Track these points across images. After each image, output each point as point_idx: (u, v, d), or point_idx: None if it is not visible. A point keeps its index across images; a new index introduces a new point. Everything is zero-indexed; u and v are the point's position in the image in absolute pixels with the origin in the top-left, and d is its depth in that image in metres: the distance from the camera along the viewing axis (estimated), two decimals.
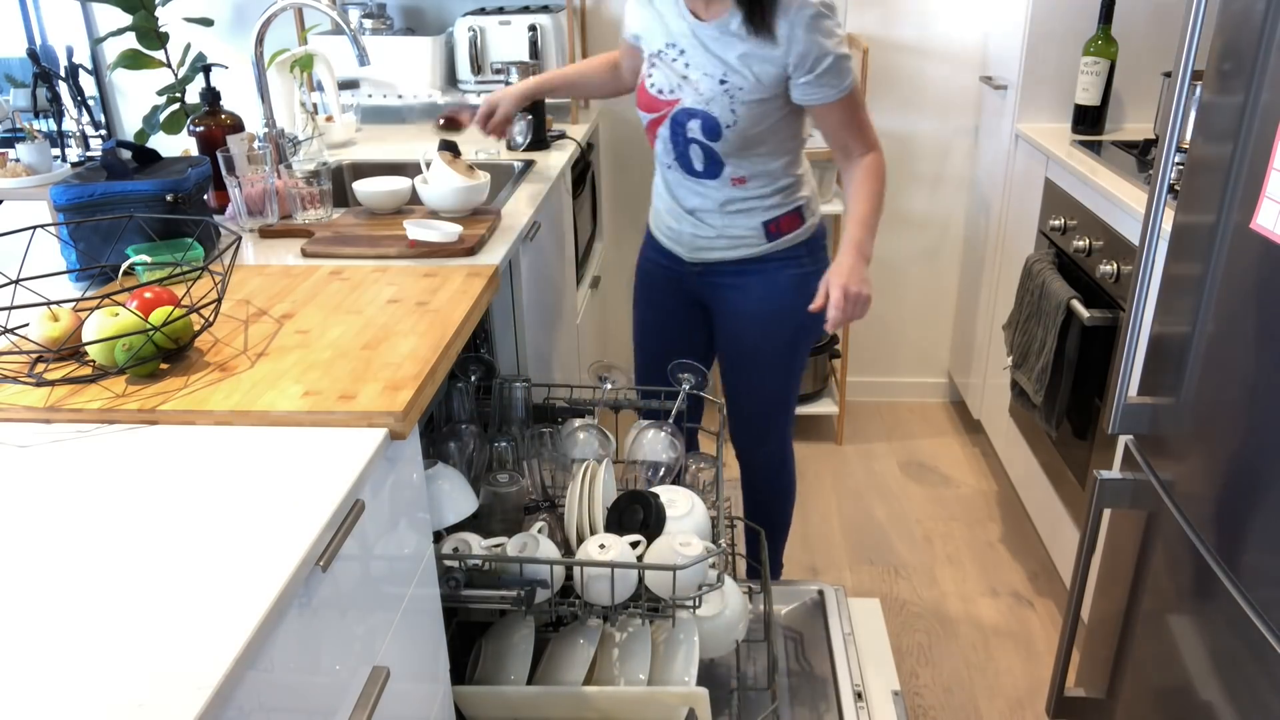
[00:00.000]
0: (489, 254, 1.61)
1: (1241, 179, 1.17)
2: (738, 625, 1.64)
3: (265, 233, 1.73)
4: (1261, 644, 1.10)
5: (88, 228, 1.49)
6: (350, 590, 0.98)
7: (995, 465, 2.84)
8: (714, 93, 1.61)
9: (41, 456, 1.01)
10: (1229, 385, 1.19)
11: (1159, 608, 1.37)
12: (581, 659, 1.49)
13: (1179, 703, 1.30)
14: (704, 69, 1.61)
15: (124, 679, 0.71)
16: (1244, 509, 1.15)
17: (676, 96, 1.65)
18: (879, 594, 2.32)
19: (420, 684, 1.20)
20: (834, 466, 2.84)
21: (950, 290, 3.09)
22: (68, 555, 0.85)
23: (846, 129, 1.67)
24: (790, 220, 1.73)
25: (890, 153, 2.91)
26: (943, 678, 2.06)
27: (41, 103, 2.68)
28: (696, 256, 1.79)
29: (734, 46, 1.59)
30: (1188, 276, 1.30)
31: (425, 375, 1.15)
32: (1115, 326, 1.93)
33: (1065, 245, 2.17)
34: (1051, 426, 2.15)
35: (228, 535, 0.87)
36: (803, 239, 1.76)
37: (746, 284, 1.77)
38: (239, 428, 1.06)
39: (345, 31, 1.86)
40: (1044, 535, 2.34)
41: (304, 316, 1.34)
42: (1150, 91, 2.45)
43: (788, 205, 1.73)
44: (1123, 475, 1.47)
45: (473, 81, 2.63)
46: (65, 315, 1.19)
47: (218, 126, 1.90)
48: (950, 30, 2.77)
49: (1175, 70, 1.24)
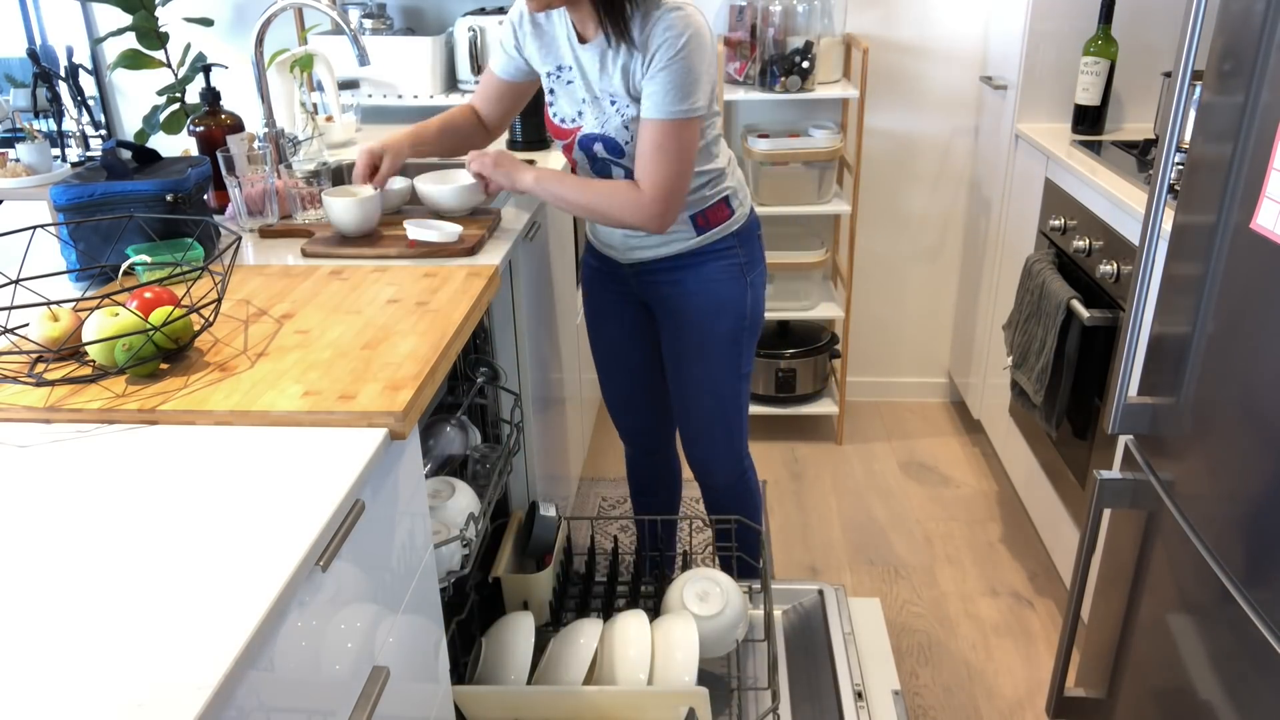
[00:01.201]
0: (489, 254, 1.61)
1: (1241, 179, 1.17)
2: (738, 625, 1.64)
3: (265, 233, 1.73)
4: (1262, 644, 1.10)
5: (88, 228, 1.49)
6: (350, 590, 0.98)
7: (995, 465, 2.84)
8: (606, 114, 1.59)
9: (41, 456, 1.01)
10: (1229, 385, 1.19)
11: (1159, 608, 1.37)
12: (581, 659, 1.49)
13: (1179, 703, 1.30)
14: (593, 92, 1.61)
15: (124, 679, 0.71)
16: (1244, 509, 1.15)
17: (578, 124, 1.64)
18: (879, 594, 2.32)
19: (420, 684, 1.20)
20: (834, 466, 2.84)
21: (950, 290, 3.09)
22: (68, 555, 0.85)
23: (651, 152, 1.53)
24: (717, 211, 1.72)
25: (890, 153, 2.92)
26: (943, 678, 2.06)
27: (41, 103, 2.68)
28: (630, 257, 1.77)
29: (612, 65, 1.57)
30: (1188, 276, 1.30)
31: (425, 375, 1.15)
32: (1115, 326, 1.93)
33: (1065, 245, 2.17)
34: (1051, 426, 2.15)
35: (228, 535, 0.87)
36: (733, 229, 1.74)
37: (682, 279, 1.75)
38: (239, 428, 1.06)
39: (345, 31, 1.86)
40: (1044, 535, 2.34)
41: (304, 316, 1.34)
42: (1150, 91, 2.45)
43: (712, 196, 1.71)
44: (1123, 475, 1.47)
45: (473, 81, 2.64)
46: (65, 315, 1.19)
47: (218, 126, 1.90)
48: (950, 30, 2.77)
49: (1175, 70, 1.24)
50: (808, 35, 2.61)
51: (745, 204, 1.77)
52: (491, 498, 1.62)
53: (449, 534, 1.40)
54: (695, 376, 1.81)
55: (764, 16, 2.60)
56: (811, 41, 2.60)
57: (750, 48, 2.69)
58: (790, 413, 2.93)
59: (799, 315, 2.86)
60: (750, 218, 1.78)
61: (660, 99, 1.51)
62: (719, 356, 1.79)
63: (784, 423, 3.08)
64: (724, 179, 1.72)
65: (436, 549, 1.32)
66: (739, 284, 1.74)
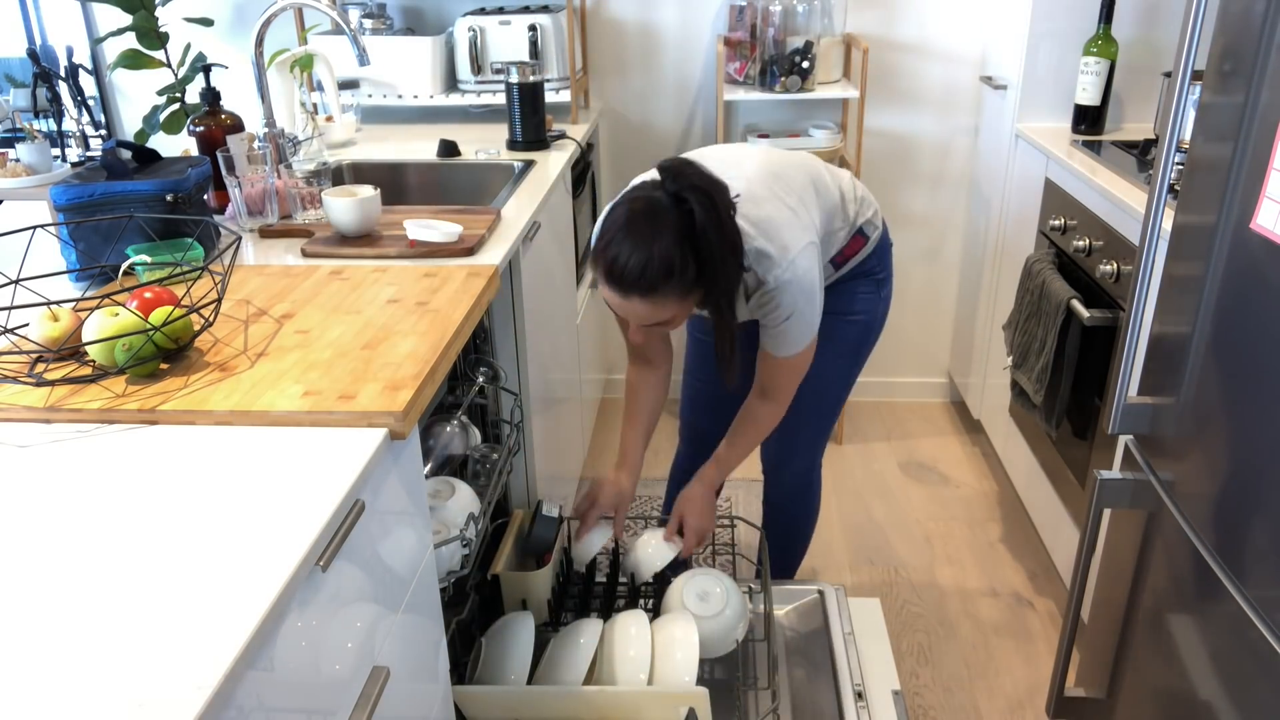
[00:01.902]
0: (489, 254, 1.61)
1: (1241, 179, 1.17)
2: (738, 625, 1.64)
3: (265, 233, 1.73)
4: (1261, 644, 1.10)
5: (88, 228, 1.49)
6: (350, 590, 0.98)
7: (995, 465, 2.84)
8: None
9: (41, 456, 1.01)
10: (1229, 385, 1.19)
11: (1159, 608, 1.37)
12: (581, 659, 1.49)
13: (1179, 703, 1.30)
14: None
15: (124, 679, 0.71)
16: (1244, 509, 1.15)
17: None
18: (879, 594, 2.32)
19: (420, 684, 1.20)
20: (834, 466, 2.84)
21: (950, 290, 3.09)
22: (68, 555, 0.85)
23: (780, 375, 1.65)
24: (853, 245, 1.73)
25: (890, 153, 2.92)
26: (943, 678, 2.06)
27: (41, 103, 2.68)
28: None
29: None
30: (1188, 276, 1.30)
31: (425, 375, 1.15)
32: (1115, 326, 1.93)
33: (1065, 245, 2.17)
34: (1051, 426, 2.15)
35: (228, 535, 0.87)
36: (869, 252, 1.76)
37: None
38: (239, 428, 1.06)
39: (345, 31, 1.86)
40: (1044, 535, 2.34)
41: (304, 316, 1.34)
42: (1150, 91, 2.45)
43: (846, 237, 1.72)
44: (1123, 475, 1.47)
45: (473, 81, 2.64)
46: (65, 315, 1.19)
47: (218, 126, 1.90)
48: (950, 30, 2.77)
49: (1175, 70, 1.24)
50: (808, 35, 2.61)
51: (877, 224, 1.77)
52: (491, 498, 1.62)
53: (449, 534, 1.40)
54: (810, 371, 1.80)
55: (764, 16, 2.60)
56: (811, 41, 2.60)
57: (750, 48, 2.69)
58: None
59: None
60: (882, 236, 1.79)
61: (780, 345, 1.58)
62: (837, 358, 1.80)
63: None
64: (857, 218, 1.72)
65: (436, 549, 1.32)
66: (874, 297, 1.77)
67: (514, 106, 2.31)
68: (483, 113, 2.74)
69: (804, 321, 1.56)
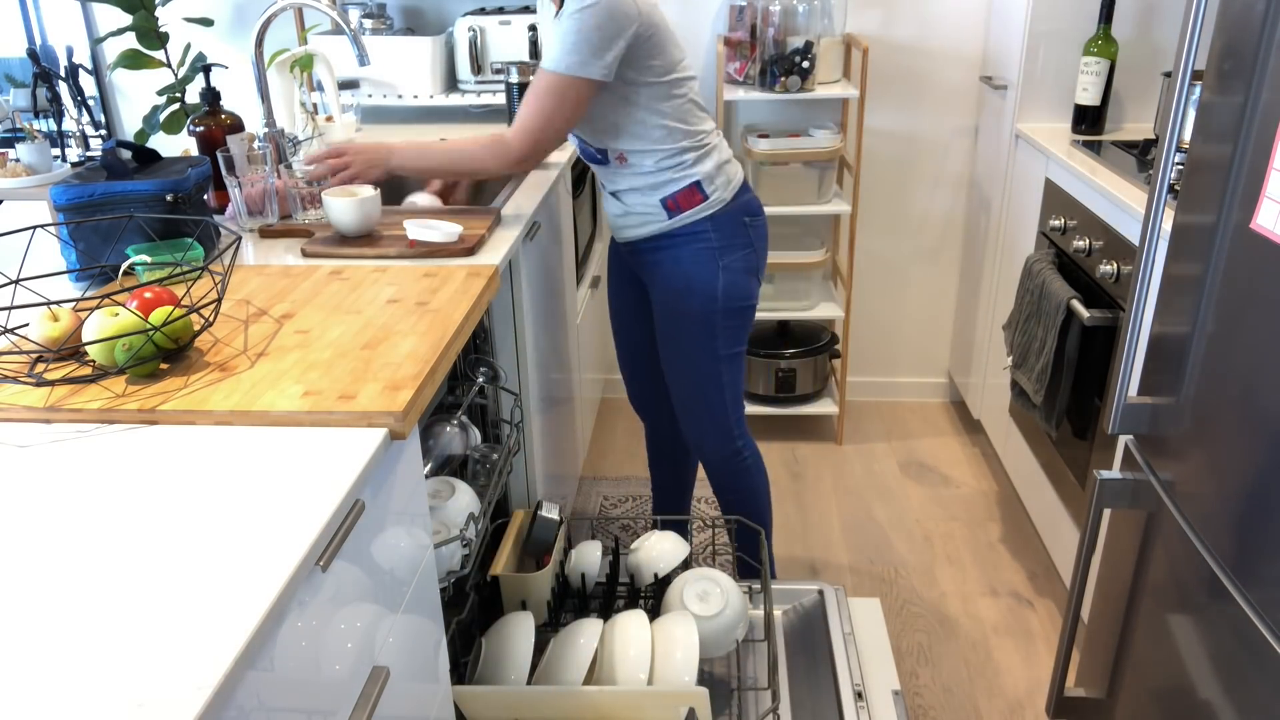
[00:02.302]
0: (489, 254, 1.61)
1: (1241, 179, 1.17)
2: (738, 625, 1.64)
3: (265, 233, 1.73)
4: (1262, 644, 1.10)
5: (88, 228, 1.49)
6: (350, 590, 0.98)
7: (995, 465, 2.84)
8: None
9: (41, 456, 1.01)
10: (1229, 385, 1.19)
11: (1159, 608, 1.37)
12: (581, 659, 1.49)
13: (1179, 703, 1.30)
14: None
15: (123, 679, 0.71)
16: (1244, 509, 1.15)
17: None
18: (879, 594, 2.32)
19: (420, 684, 1.20)
20: (834, 466, 2.84)
21: (950, 290, 3.09)
22: (68, 555, 0.85)
23: (530, 97, 1.63)
24: (687, 196, 1.76)
25: (890, 153, 2.92)
26: (943, 678, 2.06)
27: (41, 103, 2.68)
28: (621, 235, 1.89)
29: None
30: (1188, 276, 1.30)
31: (425, 375, 1.15)
32: (1115, 326, 1.93)
33: (1065, 245, 2.17)
34: (1051, 426, 2.15)
35: (228, 535, 0.87)
36: (705, 214, 1.78)
37: (660, 260, 1.83)
38: (239, 428, 1.06)
39: (345, 31, 1.86)
40: (1044, 535, 2.34)
41: (304, 316, 1.34)
42: (1150, 91, 2.45)
43: (681, 180, 1.75)
44: (1123, 475, 1.47)
45: (473, 81, 2.64)
46: (65, 315, 1.19)
47: (218, 126, 1.90)
48: (950, 30, 2.77)
49: (1175, 70, 1.24)
50: (808, 35, 2.61)
51: (724, 190, 1.79)
52: (491, 498, 1.62)
53: (449, 534, 1.40)
54: (670, 354, 1.89)
55: (764, 16, 2.60)
56: (811, 41, 2.60)
57: (750, 48, 2.69)
58: (790, 413, 2.93)
59: (799, 315, 2.86)
60: (732, 204, 1.80)
61: (552, 49, 1.59)
62: (691, 336, 1.84)
63: (784, 423, 3.08)
64: (694, 163, 1.75)
65: (436, 549, 1.32)
66: (709, 267, 1.79)
67: (514, 106, 2.31)
68: (483, 113, 2.74)
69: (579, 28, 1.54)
